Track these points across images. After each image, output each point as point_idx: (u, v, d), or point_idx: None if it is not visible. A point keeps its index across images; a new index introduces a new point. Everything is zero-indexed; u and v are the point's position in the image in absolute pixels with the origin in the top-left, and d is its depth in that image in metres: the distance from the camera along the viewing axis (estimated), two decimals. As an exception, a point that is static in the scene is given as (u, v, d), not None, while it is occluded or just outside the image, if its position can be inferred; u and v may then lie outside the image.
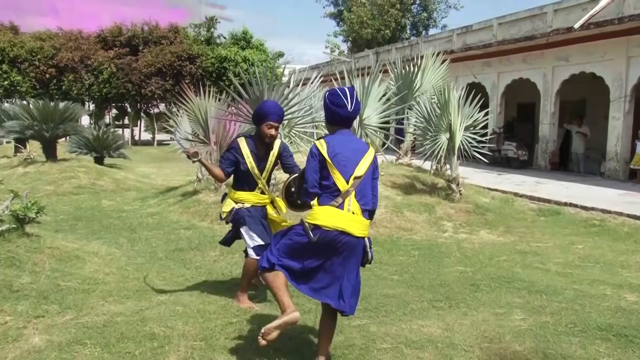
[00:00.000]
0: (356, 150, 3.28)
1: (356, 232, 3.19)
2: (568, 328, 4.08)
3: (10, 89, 32.07)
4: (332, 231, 3.14)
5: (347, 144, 3.28)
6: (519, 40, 16.72)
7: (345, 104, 3.27)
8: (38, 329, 3.84)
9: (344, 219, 3.16)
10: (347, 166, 3.20)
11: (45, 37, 34.05)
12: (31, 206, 5.61)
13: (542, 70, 16.74)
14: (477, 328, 4.09)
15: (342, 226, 3.15)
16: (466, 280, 5.46)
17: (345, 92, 3.31)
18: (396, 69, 11.85)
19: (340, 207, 3.17)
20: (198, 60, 32.55)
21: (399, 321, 4.26)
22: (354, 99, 3.31)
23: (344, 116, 3.30)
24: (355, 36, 41.25)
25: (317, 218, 3.17)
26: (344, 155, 3.22)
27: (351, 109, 3.29)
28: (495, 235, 7.85)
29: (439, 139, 9.58)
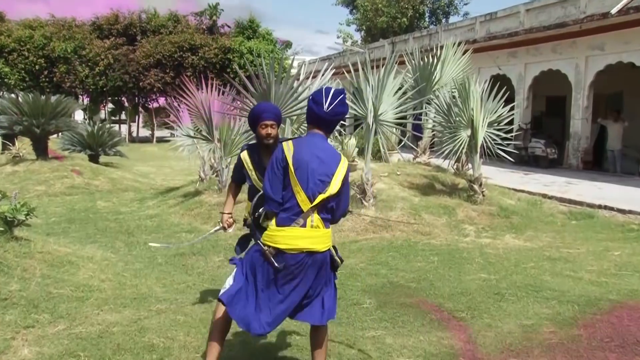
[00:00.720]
0: (325, 160, 3.14)
1: (321, 247, 3.13)
2: (604, 342, 4.05)
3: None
4: (297, 254, 3.07)
5: (315, 151, 3.15)
6: (549, 28, 16.59)
7: (322, 102, 3.18)
8: (28, 340, 3.87)
9: (308, 237, 3.08)
10: (311, 180, 3.08)
11: (36, 25, 34.24)
12: (20, 208, 5.64)
13: (574, 61, 16.61)
14: (502, 341, 4.07)
15: (307, 246, 3.07)
16: (490, 289, 5.42)
17: (328, 91, 3.23)
18: (414, 60, 11.82)
19: (303, 226, 3.07)
20: (200, 51, 32.61)
21: (417, 332, 4.24)
22: (335, 100, 3.19)
23: (317, 115, 3.21)
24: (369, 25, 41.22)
25: (278, 241, 3.08)
26: (311, 165, 3.09)
27: (327, 109, 3.17)
28: (521, 240, 7.79)
29: (459, 135, 9.53)
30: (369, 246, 7.25)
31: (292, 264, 3.07)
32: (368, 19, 40.83)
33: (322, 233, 3.13)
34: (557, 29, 16.28)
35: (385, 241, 7.49)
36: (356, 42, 45.04)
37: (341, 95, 3.25)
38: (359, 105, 8.64)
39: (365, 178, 8.52)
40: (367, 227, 7.98)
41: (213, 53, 32.61)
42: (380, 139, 8.78)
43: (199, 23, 36.86)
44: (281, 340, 4.06)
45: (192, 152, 11.56)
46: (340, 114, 3.26)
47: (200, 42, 32.82)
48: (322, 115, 3.20)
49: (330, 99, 3.19)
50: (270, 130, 4.10)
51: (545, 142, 17.11)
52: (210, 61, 32.58)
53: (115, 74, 32.35)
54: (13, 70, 32.18)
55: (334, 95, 3.21)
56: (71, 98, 17.60)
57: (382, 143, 8.93)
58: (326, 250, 3.17)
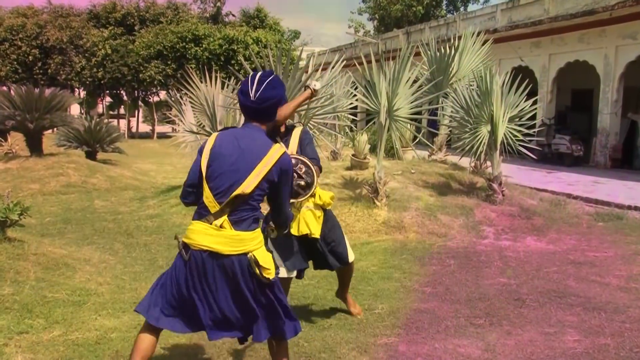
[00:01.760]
0: (246, 153, 2.98)
1: (226, 249, 2.94)
2: (633, 353, 4.04)
3: (-13, 74, 32.45)
4: (199, 252, 2.97)
5: (240, 143, 3.01)
6: (576, 16, 16.52)
7: (248, 90, 3.06)
8: (21, 347, 3.91)
9: (211, 235, 2.95)
10: (224, 176, 2.96)
11: (30, 13, 34.41)
12: (13, 207, 5.70)
13: (602, 51, 16.52)
14: (523, 350, 4.07)
15: (209, 244, 2.95)
16: (510, 294, 5.42)
17: (254, 77, 3.10)
18: (430, 51, 11.80)
19: (209, 222, 2.97)
20: (204, 42, 32.66)
21: (432, 340, 4.25)
22: (261, 86, 3.05)
23: (246, 106, 3.09)
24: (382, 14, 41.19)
25: (187, 235, 3.02)
26: (228, 160, 2.97)
27: (254, 97, 3.04)
28: (543, 242, 7.77)
29: (478, 131, 9.51)
30: (381, 248, 7.26)
31: (193, 261, 2.99)
32: (381, 7, 40.80)
33: (228, 234, 2.94)
34: (585, 16, 16.20)
35: (399, 243, 7.49)
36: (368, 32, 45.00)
37: (268, 78, 3.11)
38: (371, 99, 8.64)
39: (378, 176, 8.52)
40: (380, 228, 7.99)
41: (217, 44, 32.64)
42: (393, 135, 8.78)
43: (202, 11, 36.95)
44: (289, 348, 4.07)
45: (195, 148, 11.60)
46: (270, 98, 3.08)
47: (204, 32, 32.86)
48: (251, 104, 3.07)
49: (256, 86, 3.06)
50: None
51: (570, 138, 17.05)
52: (214, 52, 32.62)
53: (113, 65, 32.45)
54: (5, 61, 32.28)
55: (260, 80, 3.08)
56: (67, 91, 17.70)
57: (395, 139, 8.93)
58: (234, 254, 2.94)
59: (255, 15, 35.87)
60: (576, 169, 15.86)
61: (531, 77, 15.24)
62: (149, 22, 34.85)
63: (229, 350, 4.00)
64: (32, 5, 35.70)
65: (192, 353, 3.98)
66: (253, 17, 35.84)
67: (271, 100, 3.09)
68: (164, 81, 32.64)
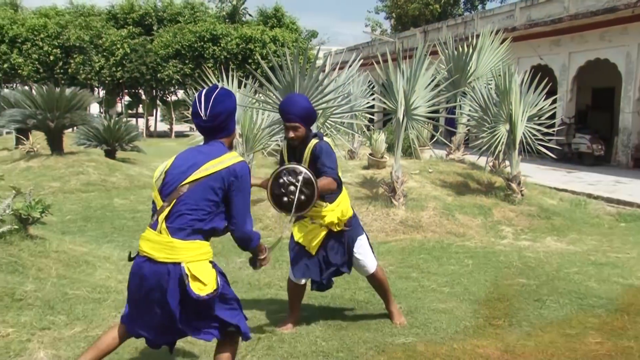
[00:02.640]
0: (199, 159, 2.98)
1: (158, 255, 2.91)
2: (655, 355, 3.98)
3: (10, 73, 32.73)
4: (140, 256, 3.00)
5: (197, 153, 3.05)
6: (597, 14, 16.32)
7: (199, 111, 3.03)
8: (43, 343, 3.95)
9: (150, 240, 2.95)
10: (173, 180, 2.98)
11: (52, 13, 34.78)
12: (35, 205, 5.77)
13: (624, 49, 16.31)
14: (544, 351, 4.03)
15: (147, 249, 2.95)
16: (529, 295, 5.38)
17: (200, 96, 3.06)
18: (447, 50, 11.74)
19: (153, 226, 2.97)
20: (222, 42, 32.74)
21: (450, 340, 4.23)
22: (209, 103, 3.01)
23: (198, 126, 3.08)
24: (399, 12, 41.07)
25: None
26: (178, 168, 3.00)
27: (205, 117, 3.01)
28: (564, 243, 7.70)
29: (497, 130, 9.45)
30: (399, 248, 7.24)
31: (135, 265, 3.04)
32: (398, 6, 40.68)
33: (163, 240, 2.90)
34: (606, 14, 16.00)
35: (416, 242, 7.47)
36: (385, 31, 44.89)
37: (214, 93, 3.05)
38: (389, 98, 8.62)
39: (395, 176, 8.50)
40: (397, 227, 7.97)
41: (235, 43, 32.72)
42: (411, 134, 8.75)
43: (219, 10, 37.07)
44: (306, 347, 4.08)
45: (212, 147, 11.63)
46: (221, 113, 3.04)
47: (221, 31, 32.96)
48: (204, 124, 3.05)
49: (204, 104, 3.02)
50: (292, 134, 4.11)
51: (590, 137, 16.87)
52: (231, 52, 32.70)
53: (132, 64, 32.67)
54: (27, 61, 32.57)
55: (207, 98, 3.03)
56: (87, 90, 17.87)
57: (413, 139, 8.90)
58: (168, 262, 2.89)
59: (272, 14, 35.91)
60: (597, 168, 15.69)
61: (550, 75, 15.08)
62: (167, 22, 35.04)
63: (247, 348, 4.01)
64: (55, 5, 36.12)
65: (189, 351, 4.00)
66: (270, 16, 35.89)
67: (222, 114, 3.04)
68: (181, 80, 32.80)
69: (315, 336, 4.25)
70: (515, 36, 16.48)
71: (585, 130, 17.52)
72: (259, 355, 3.89)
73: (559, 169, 15.21)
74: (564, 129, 16.67)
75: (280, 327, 4.39)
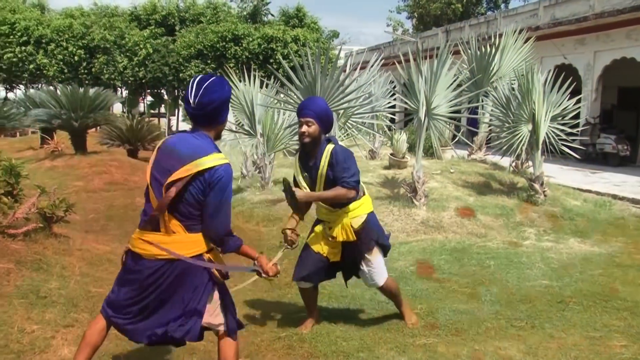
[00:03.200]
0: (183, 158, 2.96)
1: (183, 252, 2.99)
2: (680, 358, 3.92)
3: (36, 73, 33.28)
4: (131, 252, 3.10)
5: (180, 146, 3.03)
6: (623, 12, 16.08)
7: (188, 96, 3.00)
8: (67, 340, 4.00)
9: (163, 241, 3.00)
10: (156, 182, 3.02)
11: (77, 14, 35.25)
12: (59, 204, 5.86)
13: (651, 47, 16.05)
14: (567, 354, 3.99)
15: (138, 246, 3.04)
16: (552, 297, 5.32)
17: (193, 82, 3.04)
18: (470, 49, 11.67)
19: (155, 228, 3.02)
20: (244, 42, 32.88)
21: (472, 341, 4.20)
22: (199, 91, 2.98)
23: (189, 113, 3.06)
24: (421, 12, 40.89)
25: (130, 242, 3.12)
26: (163, 163, 3.02)
27: (193, 103, 2.98)
28: (587, 244, 7.61)
29: (519, 130, 9.38)
30: (419, 248, 7.21)
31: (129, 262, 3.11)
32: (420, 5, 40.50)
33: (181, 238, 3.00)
34: (633, 12, 15.75)
35: (437, 243, 7.43)
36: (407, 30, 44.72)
37: (207, 82, 3.02)
38: (410, 98, 8.59)
39: (417, 176, 8.47)
40: (418, 227, 7.94)
41: (256, 43, 32.84)
42: (432, 134, 8.71)
43: (241, 10, 37.24)
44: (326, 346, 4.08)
45: (233, 147, 11.71)
46: (210, 103, 2.99)
47: (243, 31, 33.10)
48: (192, 111, 3.02)
49: (194, 91, 2.99)
50: (305, 128, 4.06)
51: (616, 137, 16.63)
52: (253, 52, 32.83)
53: (154, 65, 32.97)
54: (52, 61, 33.07)
55: (198, 85, 3.00)
56: (110, 90, 18.06)
57: (434, 138, 8.85)
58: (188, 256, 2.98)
59: (294, 14, 35.97)
60: (622, 169, 15.46)
61: (575, 75, 14.89)
62: (189, 22, 35.29)
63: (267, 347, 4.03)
64: (80, 6, 36.63)
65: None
66: (292, 16, 35.95)
67: (211, 104, 3.00)
68: (204, 80, 32.98)
69: (336, 336, 4.25)
70: (539, 35, 16.30)
71: (611, 130, 17.28)
72: (279, 355, 3.91)
73: (583, 169, 15.02)
74: (589, 129, 16.45)
75: (300, 327, 4.40)
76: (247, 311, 4.93)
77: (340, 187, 4.01)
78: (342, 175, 3.99)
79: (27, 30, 32.76)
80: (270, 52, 32.62)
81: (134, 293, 3.07)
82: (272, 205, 8.86)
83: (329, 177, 4.06)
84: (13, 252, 5.34)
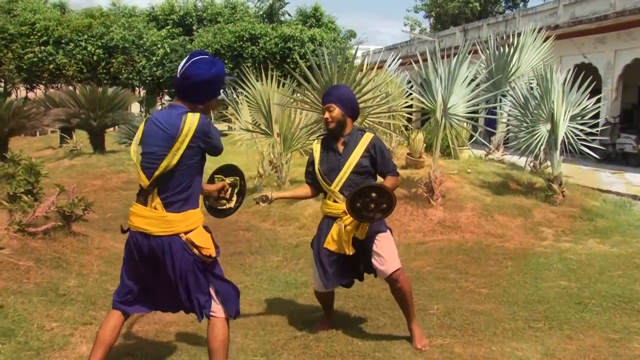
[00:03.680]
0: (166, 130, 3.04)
1: (154, 230, 3.06)
2: (701, 361, 3.86)
3: (55, 73, 33.68)
4: (135, 232, 3.14)
5: (160, 120, 3.09)
6: (645, 10, 15.90)
7: (179, 68, 3.14)
8: (85, 337, 4.05)
9: (143, 216, 3.10)
10: (145, 155, 3.11)
11: (98, 14, 35.63)
12: (78, 202, 5.94)
13: (673, 46, 15.84)
14: (586, 355, 3.95)
15: (141, 225, 3.10)
16: (570, 298, 5.27)
17: (187, 55, 3.21)
18: (488, 49, 11.61)
19: (142, 203, 3.13)
20: (260, 41, 33.00)
21: (489, 342, 4.18)
22: (187, 63, 3.09)
23: (175, 84, 3.18)
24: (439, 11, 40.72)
25: (129, 217, 3.22)
26: (150, 139, 3.11)
27: (178, 74, 3.10)
28: (607, 245, 7.52)
29: (537, 130, 9.30)
30: (436, 248, 7.19)
31: (131, 241, 3.17)
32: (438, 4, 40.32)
33: (157, 215, 3.06)
34: (656, 10, 15.57)
35: (454, 243, 7.40)
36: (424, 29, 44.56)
37: (197, 56, 3.12)
38: (427, 97, 8.57)
39: (433, 176, 8.44)
40: (435, 227, 7.91)
41: (273, 42, 32.94)
42: (449, 134, 8.67)
43: (258, 10, 37.39)
44: (342, 346, 4.08)
45: (250, 146, 11.75)
46: (191, 77, 3.07)
47: (260, 31, 33.21)
48: (175, 83, 3.14)
49: (183, 63, 3.11)
50: (327, 114, 4.07)
51: (636, 137, 16.43)
52: (270, 51, 32.93)
53: (172, 64, 33.19)
54: (71, 61, 33.44)
55: (189, 58, 3.12)
56: (128, 90, 18.24)
57: (451, 138, 8.82)
58: (164, 235, 3.05)
59: (312, 14, 36.02)
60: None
61: (595, 74, 14.76)
62: (207, 22, 35.49)
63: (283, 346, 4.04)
64: (100, 6, 37.04)
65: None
66: (310, 16, 36.01)
67: (192, 78, 3.07)
68: (220, 80, 33.15)
69: (352, 335, 4.25)
70: (559, 34, 16.13)
71: (631, 130, 17.08)
72: (295, 354, 3.92)
73: (602, 169, 14.87)
74: (608, 129, 16.28)
75: (316, 326, 4.39)
76: (262, 310, 4.95)
77: (390, 177, 4.09)
78: (387, 165, 4.10)
79: (47, 30, 33.14)
80: (287, 52, 32.71)
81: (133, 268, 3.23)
82: (289, 204, 8.88)
83: (361, 165, 4.02)
84: (33, 250, 5.41)
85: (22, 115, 14.65)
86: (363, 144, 4.03)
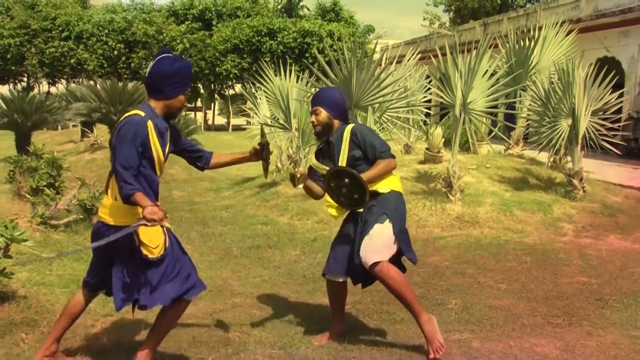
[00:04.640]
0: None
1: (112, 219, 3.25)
2: None
3: (77, 68, 34.08)
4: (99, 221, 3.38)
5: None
6: (670, 2, 15.65)
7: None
8: (106, 329, 4.12)
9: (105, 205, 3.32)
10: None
11: (120, 10, 35.99)
12: (99, 196, 6.00)
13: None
14: (606, 352, 3.92)
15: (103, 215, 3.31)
16: (590, 294, 5.23)
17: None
18: (508, 43, 11.49)
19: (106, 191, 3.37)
20: (279, 36, 33.03)
21: (507, 337, 4.16)
22: (153, 62, 3.26)
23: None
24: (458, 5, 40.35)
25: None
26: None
27: (147, 73, 3.30)
28: (628, 241, 7.45)
29: (558, 125, 9.21)
30: (454, 243, 7.16)
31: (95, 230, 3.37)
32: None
33: (110, 205, 3.27)
34: (682, 2, 15.32)
35: (473, 238, 7.37)
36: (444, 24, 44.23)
37: (160, 55, 3.27)
38: (446, 92, 8.52)
39: (452, 171, 8.40)
40: (453, 223, 7.88)
41: (292, 37, 32.95)
42: (468, 128, 8.63)
43: (277, 4, 37.41)
44: (359, 339, 4.09)
45: (270, 140, 11.77)
46: (154, 73, 3.25)
47: (278, 25, 33.24)
48: (145, 82, 3.32)
49: (151, 63, 3.27)
50: (313, 118, 4.01)
51: (659, 133, 16.21)
52: (288, 46, 32.95)
53: (191, 59, 33.37)
54: (92, 56, 33.80)
55: (154, 57, 3.28)
56: (148, 84, 18.37)
57: (470, 133, 8.77)
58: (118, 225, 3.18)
59: (331, 8, 35.97)
60: (665, 165, 15.06)
61: (618, 68, 14.55)
62: (226, 17, 35.59)
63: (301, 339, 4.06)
64: (120, 2, 37.39)
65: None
66: (329, 10, 35.97)
67: (155, 75, 3.23)
68: (239, 74, 33.28)
69: (369, 330, 4.26)
70: (581, 28, 15.95)
71: (654, 125, 16.84)
72: (313, 347, 3.93)
73: (624, 165, 14.68)
74: (631, 124, 16.07)
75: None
76: (280, 303, 4.97)
77: (380, 160, 3.82)
78: (374, 149, 3.83)
79: (68, 25, 33.50)
80: (306, 47, 32.70)
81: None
82: (307, 199, 8.89)
83: (354, 158, 3.87)
84: (55, 242, 5.50)
85: (44, 109, 14.86)
86: (346, 137, 3.91)
